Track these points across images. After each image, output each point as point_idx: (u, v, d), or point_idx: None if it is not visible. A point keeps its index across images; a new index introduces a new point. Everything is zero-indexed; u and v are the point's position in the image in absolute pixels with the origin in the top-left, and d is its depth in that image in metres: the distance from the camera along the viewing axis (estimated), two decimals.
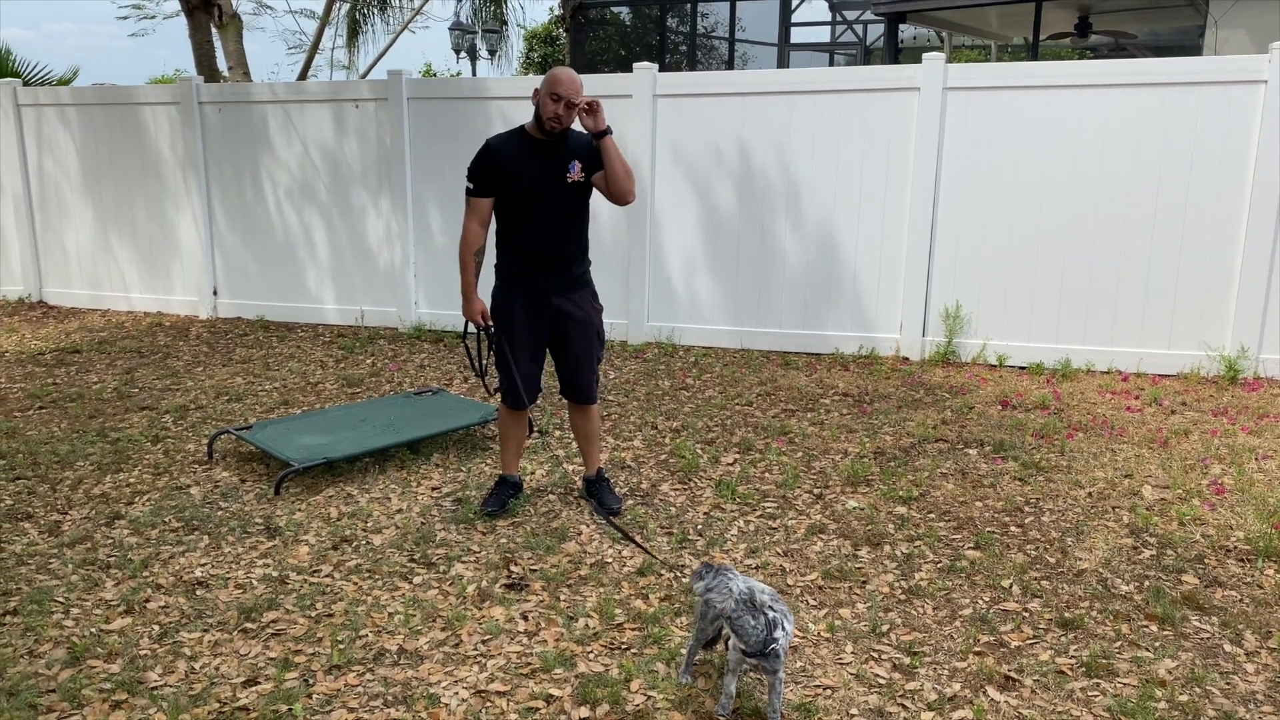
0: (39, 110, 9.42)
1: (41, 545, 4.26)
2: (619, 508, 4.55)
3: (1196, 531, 4.30)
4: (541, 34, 23.32)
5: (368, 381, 6.96)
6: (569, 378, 4.47)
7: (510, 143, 4.21)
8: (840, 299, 7.48)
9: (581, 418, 4.59)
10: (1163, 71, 6.69)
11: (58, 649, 3.41)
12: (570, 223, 4.27)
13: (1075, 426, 5.72)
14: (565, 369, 4.46)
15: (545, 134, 4.13)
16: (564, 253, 4.28)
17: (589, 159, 4.19)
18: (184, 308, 9.26)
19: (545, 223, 4.21)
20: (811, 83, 7.47)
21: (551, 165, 4.16)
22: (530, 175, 4.15)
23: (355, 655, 3.36)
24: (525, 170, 4.15)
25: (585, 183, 4.23)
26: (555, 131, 4.11)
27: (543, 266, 4.26)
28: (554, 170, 4.16)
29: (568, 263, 4.30)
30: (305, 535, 4.35)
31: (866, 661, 3.31)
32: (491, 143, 4.22)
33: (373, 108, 8.33)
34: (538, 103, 4.09)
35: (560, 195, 4.19)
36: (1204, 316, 6.74)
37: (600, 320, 4.43)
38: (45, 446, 5.52)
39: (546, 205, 4.19)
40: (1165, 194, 6.68)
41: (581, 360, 4.41)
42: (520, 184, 4.16)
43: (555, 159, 4.16)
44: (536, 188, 4.16)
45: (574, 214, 4.27)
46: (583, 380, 4.46)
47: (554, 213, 4.21)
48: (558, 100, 4.03)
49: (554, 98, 4.03)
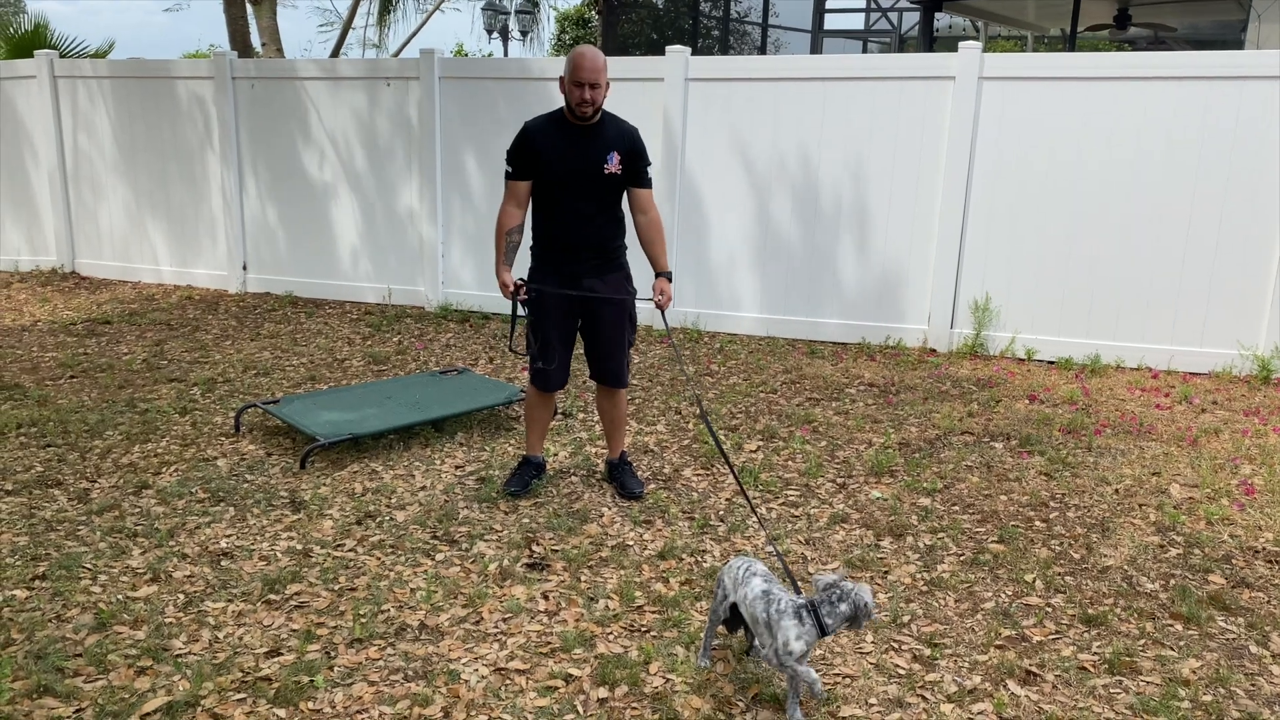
0: (74, 83, 9.49)
1: (70, 512, 4.31)
2: (641, 491, 4.55)
3: (1224, 531, 4.25)
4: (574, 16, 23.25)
5: (394, 359, 6.99)
6: (599, 360, 4.47)
7: (548, 127, 4.18)
8: (868, 288, 7.43)
9: (609, 401, 4.59)
10: (1203, 65, 6.57)
11: (85, 614, 3.45)
12: (604, 210, 4.26)
13: (1103, 423, 5.66)
14: (596, 352, 4.46)
15: (579, 119, 4.11)
16: (598, 238, 4.27)
17: (629, 154, 4.19)
18: (213, 281, 9.33)
19: (579, 208, 4.20)
20: (845, 69, 7.40)
21: (589, 153, 4.14)
22: (566, 162, 4.14)
23: (377, 629, 3.38)
24: (561, 156, 4.14)
25: (623, 175, 4.21)
26: (588, 116, 4.09)
27: (576, 251, 4.26)
28: (592, 158, 4.14)
29: (601, 247, 4.29)
30: (329, 510, 4.38)
31: (887, 652, 3.30)
32: (529, 126, 4.20)
33: (404, 86, 8.34)
34: (565, 90, 4.08)
35: (596, 184, 4.18)
36: (1238, 314, 6.64)
37: (633, 304, 4.42)
38: (75, 415, 5.59)
39: (581, 192, 4.18)
40: (1202, 189, 6.58)
41: (612, 343, 4.41)
42: (555, 170, 4.16)
43: (594, 147, 4.14)
44: (572, 175, 4.16)
45: (609, 202, 4.27)
46: (613, 364, 4.46)
47: (588, 200, 4.20)
48: (581, 85, 4.00)
49: (577, 83, 4.01)
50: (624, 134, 4.21)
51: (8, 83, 9.78)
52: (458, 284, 8.51)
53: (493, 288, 8.31)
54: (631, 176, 4.24)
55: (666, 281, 4.26)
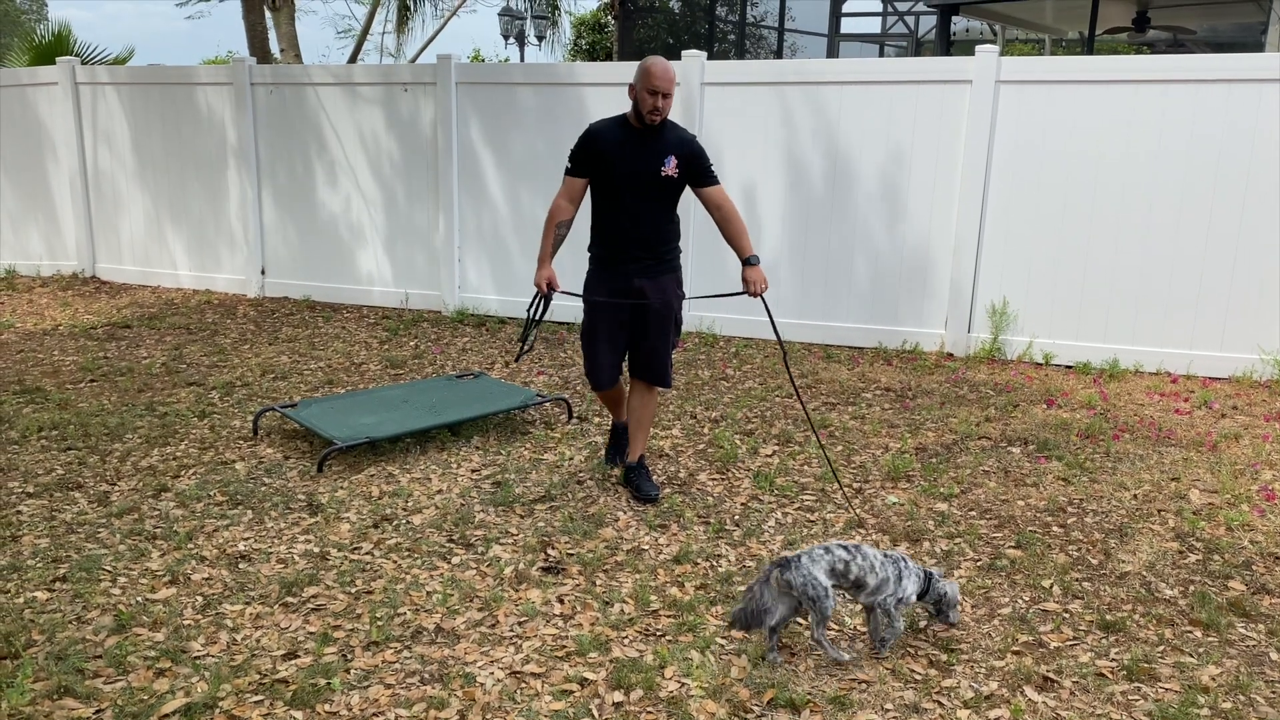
0: (95, 89, 9.58)
1: (91, 515, 4.35)
2: (656, 495, 4.56)
3: (1245, 537, 4.22)
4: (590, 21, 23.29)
5: (411, 363, 7.02)
6: (644, 358, 4.59)
7: (612, 129, 4.35)
8: (885, 293, 7.41)
9: (642, 400, 4.68)
10: (1223, 68, 6.54)
11: (105, 615, 3.48)
12: (659, 212, 4.42)
13: (1122, 428, 5.63)
14: (641, 350, 4.58)
15: (644, 125, 4.28)
16: (650, 240, 4.43)
17: (686, 158, 4.35)
18: (232, 286, 9.39)
19: (635, 210, 4.37)
20: (862, 73, 7.40)
21: (648, 156, 4.31)
22: (626, 163, 4.31)
23: (393, 632, 3.40)
24: (622, 158, 4.31)
25: (679, 179, 4.37)
26: (655, 123, 4.26)
27: (629, 251, 4.42)
28: (650, 161, 4.31)
29: (653, 249, 4.45)
30: (346, 513, 4.40)
31: (903, 657, 3.29)
32: (594, 127, 4.39)
33: (421, 91, 8.38)
34: (635, 97, 4.24)
35: (652, 186, 4.35)
36: (1258, 319, 6.59)
37: (680, 306, 4.57)
38: (96, 419, 5.63)
39: (638, 194, 4.35)
40: (1221, 192, 6.54)
41: (657, 343, 4.54)
42: (615, 170, 4.33)
43: (653, 151, 4.31)
44: (630, 176, 4.33)
45: (664, 204, 4.42)
46: (657, 363, 4.58)
47: (644, 201, 4.37)
48: (654, 94, 4.19)
49: (650, 91, 4.19)
50: (682, 140, 4.40)
51: (30, 89, 9.88)
52: (474, 288, 8.53)
53: (509, 292, 8.34)
54: (695, 178, 4.40)
55: (753, 267, 4.35)
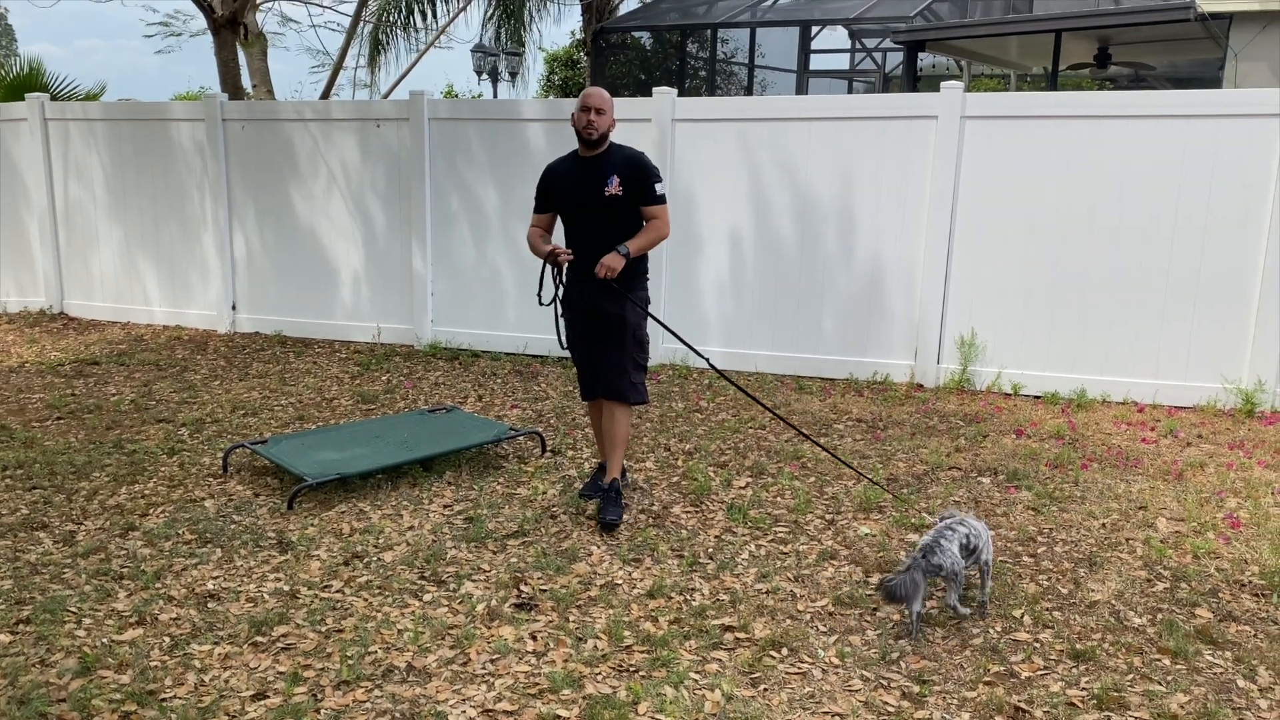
0: (66, 125, 9.55)
1: (56, 555, 4.29)
2: (614, 521, 4.59)
3: (1211, 565, 4.27)
4: (563, 57, 23.51)
5: (383, 398, 6.99)
6: (600, 373, 4.71)
7: (564, 162, 4.71)
8: (854, 325, 7.48)
9: (609, 419, 4.76)
10: (1182, 103, 6.69)
11: (69, 658, 3.43)
12: (610, 231, 4.55)
13: (1090, 457, 5.69)
14: (598, 366, 4.72)
15: (587, 146, 4.51)
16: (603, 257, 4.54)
17: (628, 175, 4.52)
18: (203, 322, 9.33)
19: (587, 233, 4.61)
20: (830, 109, 7.51)
21: (592, 180, 4.53)
22: (575, 191, 4.58)
23: (364, 671, 3.37)
24: (571, 187, 4.61)
25: (625, 197, 4.53)
26: (592, 139, 4.47)
27: (587, 272, 4.56)
28: (594, 185, 4.52)
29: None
30: (317, 550, 4.36)
31: (876, 689, 3.29)
32: (550, 165, 4.76)
33: (394, 127, 8.41)
34: (574, 123, 4.51)
35: (600, 206, 4.54)
36: (1221, 348, 6.70)
37: (636, 319, 4.65)
38: (62, 457, 5.57)
39: (587, 217, 4.59)
40: (1183, 225, 6.67)
41: (611, 354, 4.64)
42: (568, 199, 4.64)
43: (597, 174, 4.52)
44: (579, 202, 4.58)
45: (615, 223, 4.57)
46: (604, 372, 4.67)
47: (594, 222, 4.58)
48: (586, 110, 4.45)
49: (582, 109, 4.46)
50: (628, 158, 4.58)
51: (0, 125, 9.83)
52: (447, 322, 8.53)
53: (482, 326, 8.36)
54: (639, 195, 4.54)
55: (614, 254, 4.47)
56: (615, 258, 4.46)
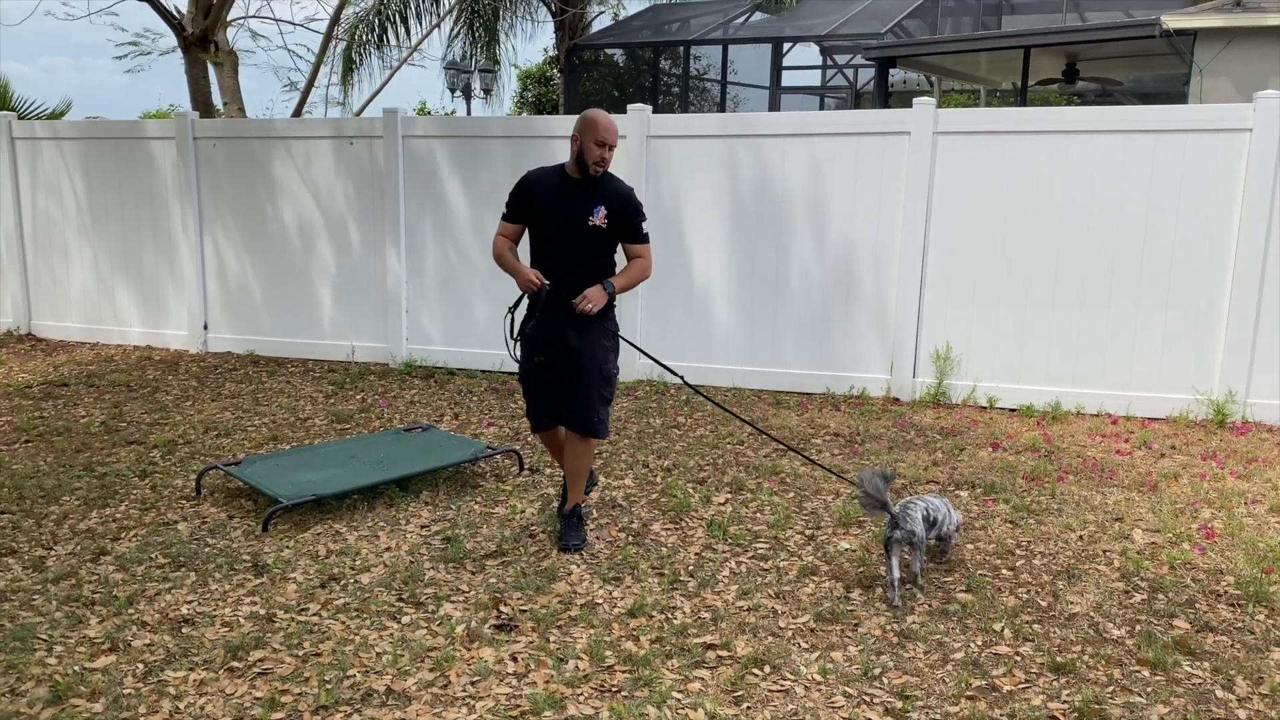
0: (33, 144, 9.44)
1: (25, 581, 4.21)
2: (576, 546, 4.55)
3: (1187, 576, 4.30)
4: (536, 74, 23.54)
5: (358, 417, 6.94)
6: (569, 408, 4.53)
7: (549, 177, 4.47)
8: (831, 339, 7.50)
9: (573, 450, 4.62)
10: (1150, 119, 6.79)
11: (40, 687, 3.36)
12: (587, 260, 4.43)
13: (1066, 469, 5.73)
14: (566, 399, 4.54)
15: (585, 176, 4.36)
16: (579, 287, 4.39)
17: (617, 210, 4.40)
18: (174, 342, 9.23)
19: (563, 259, 4.42)
20: (804, 126, 7.55)
21: (579, 205, 4.37)
22: (557, 211, 4.38)
23: (342, 695, 3.32)
24: (554, 205, 4.39)
25: (608, 230, 4.41)
26: (598, 175, 4.34)
27: (558, 297, 4.39)
28: (580, 210, 4.36)
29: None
30: (293, 573, 4.31)
31: (859, 705, 3.29)
32: (530, 174, 4.50)
33: (368, 145, 8.38)
34: (581, 148, 4.30)
35: (581, 234, 4.39)
36: (1192, 359, 6.78)
37: (603, 355, 4.50)
38: (31, 481, 5.48)
39: (565, 241, 4.41)
40: (1152, 239, 6.75)
41: (580, 392, 4.48)
42: (547, 217, 4.42)
43: (584, 200, 4.37)
44: (559, 224, 4.39)
45: (592, 253, 4.44)
46: (582, 413, 4.50)
47: (572, 250, 4.41)
48: (601, 145, 4.28)
49: (597, 143, 4.27)
50: (618, 192, 4.44)
51: None
52: (422, 340, 8.48)
53: (457, 343, 8.31)
54: (625, 233, 4.47)
55: (599, 289, 4.40)
56: (600, 294, 4.35)
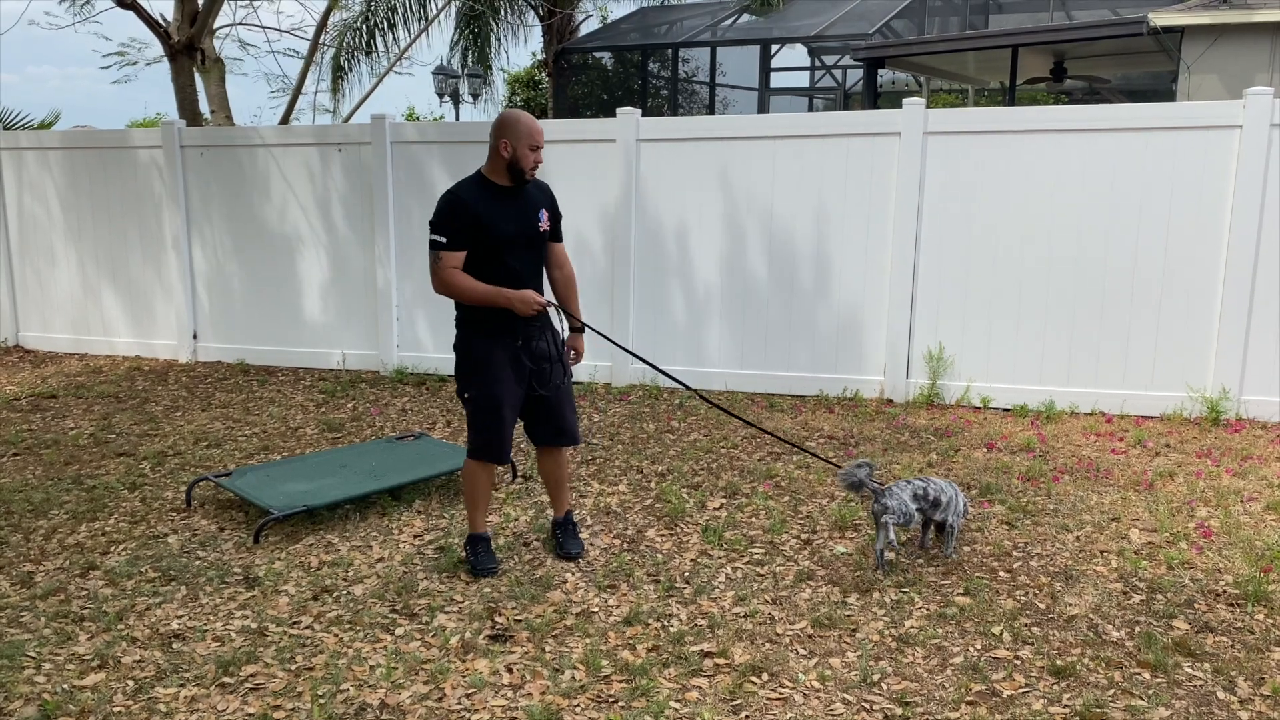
0: (19, 154, 9.38)
1: (13, 597, 4.16)
2: (578, 553, 4.51)
3: (1185, 575, 4.28)
4: (524, 78, 23.51)
5: (349, 426, 6.89)
6: (553, 420, 4.41)
7: (475, 190, 4.15)
8: (823, 341, 7.48)
9: (555, 462, 4.55)
10: (1140, 117, 6.78)
11: (28, 706, 3.31)
12: (540, 270, 4.38)
13: (1061, 469, 5.71)
14: (546, 411, 4.38)
15: (518, 183, 4.19)
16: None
17: (552, 211, 4.36)
18: (164, 352, 9.17)
19: (518, 271, 4.19)
20: (794, 128, 7.53)
21: (521, 214, 4.20)
22: (506, 224, 4.14)
23: (336, 710, 3.28)
24: (502, 220, 4.13)
25: (553, 229, 4.37)
26: (529, 180, 4.22)
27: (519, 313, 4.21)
28: (528, 219, 4.22)
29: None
30: (285, 585, 4.26)
31: (858, 712, 3.26)
32: (460, 194, 4.13)
33: (356, 151, 8.34)
34: (514, 154, 4.10)
35: (533, 244, 4.28)
36: (1186, 357, 6.77)
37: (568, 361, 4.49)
38: (19, 494, 5.42)
39: (523, 253, 4.23)
40: (1145, 236, 6.74)
41: (565, 401, 4.42)
42: (495, 233, 4.11)
43: (523, 207, 4.22)
44: (515, 237, 4.17)
45: (541, 261, 4.38)
46: (568, 420, 4.45)
47: (528, 261, 4.27)
48: (536, 149, 4.15)
49: (533, 148, 4.14)
50: (544, 191, 4.36)
51: None
52: (414, 347, 8.44)
53: (450, 350, 8.23)
54: (554, 233, 4.40)
55: (579, 335, 4.43)
56: (580, 340, 4.43)
